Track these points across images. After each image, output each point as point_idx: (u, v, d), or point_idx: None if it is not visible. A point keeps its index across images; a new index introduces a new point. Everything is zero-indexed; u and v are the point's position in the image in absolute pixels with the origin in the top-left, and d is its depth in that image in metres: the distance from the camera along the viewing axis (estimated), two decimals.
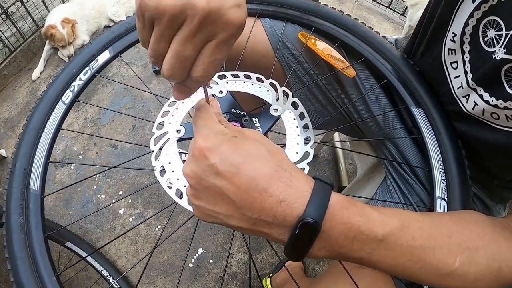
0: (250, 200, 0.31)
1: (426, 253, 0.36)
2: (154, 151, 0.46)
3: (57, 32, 1.75)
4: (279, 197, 0.31)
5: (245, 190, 0.31)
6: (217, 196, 0.32)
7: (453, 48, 0.55)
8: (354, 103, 0.71)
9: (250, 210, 0.32)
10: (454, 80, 0.56)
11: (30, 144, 0.52)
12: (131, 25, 0.62)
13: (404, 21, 2.03)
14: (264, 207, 0.31)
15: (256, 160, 0.33)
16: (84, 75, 0.58)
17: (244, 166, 0.32)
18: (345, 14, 0.68)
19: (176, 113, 0.50)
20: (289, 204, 0.31)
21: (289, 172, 0.33)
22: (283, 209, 0.31)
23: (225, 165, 0.32)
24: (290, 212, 0.31)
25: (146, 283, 1.26)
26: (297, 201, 0.32)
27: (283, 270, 1.18)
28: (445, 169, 0.55)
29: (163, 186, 0.43)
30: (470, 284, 0.38)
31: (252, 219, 0.32)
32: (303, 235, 0.32)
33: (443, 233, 0.38)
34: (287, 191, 0.32)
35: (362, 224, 0.33)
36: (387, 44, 0.66)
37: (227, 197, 0.32)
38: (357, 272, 0.49)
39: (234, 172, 0.31)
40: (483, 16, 0.48)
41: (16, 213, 0.46)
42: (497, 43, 0.46)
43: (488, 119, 0.51)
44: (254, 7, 0.68)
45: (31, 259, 0.44)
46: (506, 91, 0.46)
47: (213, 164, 0.32)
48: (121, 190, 1.44)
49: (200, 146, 0.33)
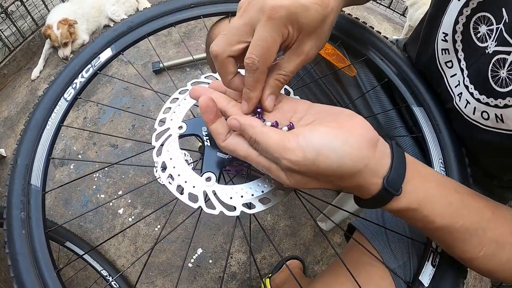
0: (343, 184, 0.35)
1: (462, 233, 0.38)
2: (155, 147, 0.46)
3: (52, 32, 1.76)
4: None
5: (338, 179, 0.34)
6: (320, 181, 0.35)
7: (445, 47, 0.55)
8: (354, 102, 0.71)
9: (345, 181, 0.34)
10: (450, 79, 0.56)
11: (32, 140, 0.52)
12: (133, 23, 0.62)
13: (404, 21, 2.03)
14: (359, 182, 0.34)
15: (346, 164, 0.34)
16: (86, 73, 0.58)
17: (335, 174, 0.34)
18: (346, 14, 0.69)
19: (177, 110, 0.50)
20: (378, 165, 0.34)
21: (376, 159, 0.35)
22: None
23: (323, 171, 0.33)
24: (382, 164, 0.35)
25: (145, 283, 1.25)
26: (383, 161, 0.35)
27: (283, 270, 1.18)
28: (446, 168, 0.55)
29: (164, 182, 0.43)
30: (486, 272, 0.41)
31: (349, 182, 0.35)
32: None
33: (481, 225, 0.39)
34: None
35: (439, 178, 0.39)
36: (388, 42, 0.66)
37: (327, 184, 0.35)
38: (356, 270, 0.50)
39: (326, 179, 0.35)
40: (472, 13, 0.48)
41: (17, 208, 0.46)
42: (489, 38, 0.46)
43: (477, 120, 0.50)
44: None
45: (32, 255, 0.44)
46: (493, 87, 0.46)
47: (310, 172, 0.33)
48: (121, 190, 1.44)
49: (292, 164, 0.32)
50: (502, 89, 0.44)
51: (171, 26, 0.63)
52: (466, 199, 0.40)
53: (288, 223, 1.36)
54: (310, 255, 1.31)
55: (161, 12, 0.63)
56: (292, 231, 1.34)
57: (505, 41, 0.43)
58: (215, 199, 0.42)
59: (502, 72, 0.44)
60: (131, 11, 2.06)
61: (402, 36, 1.94)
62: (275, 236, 1.33)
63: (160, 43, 1.93)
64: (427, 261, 0.46)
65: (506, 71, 0.44)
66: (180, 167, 0.44)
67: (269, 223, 1.36)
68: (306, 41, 0.39)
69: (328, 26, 0.40)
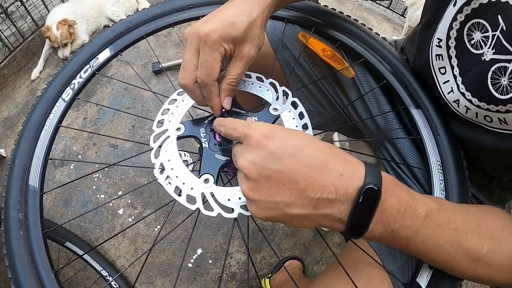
0: (313, 178, 0.33)
1: (460, 236, 0.38)
2: (153, 149, 0.46)
3: (51, 33, 1.75)
4: (339, 171, 0.34)
5: (308, 169, 0.33)
6: (279, 183, 0.34)
7: (439, 53, 0.55)
8: (353, 104, 0.71)
9: (312, 190, 0.33)
10: (443, 85, 0.56)
11: (29, 141, 0.52)
12: (132, 24, 0.62)
13: (404, 21, 2.03)
14: (326, 183, 0.33)
15: (312, 141, 0.35)
16: (85, 73, 0.58)
17: (303, 146, 0.34)
18: (345, 15, 0.69)
19: (176, 111, 0.51)
20: (349, 177, 0.34)
21: (341, 151, 0.36)
22: (344, 182, 0.33)
23: (286, 147, 0.34)
24: (351, 184, 0.33)
25: (145, 283, 1.25)
26: (355, 174, 0.34)
27: (282, 270, 1.18)
28: (444, 170, 0.55)
29: (162, 183, 0.43)
30: (495, 273, 0.40)
31: (314, 200, 0.33)
32: (366, 204, 0.33)
33: (473, 220, 0.40)
34: (345, 165, 0.34)
35: (410, 200, 0.36)
36: (387, 45, 0.66)
37: (290, 181, 0.34)
38: (355, 271, 0.50)
39: (296, 152, 0.34)
40: (466, 19, 0.48)
41: (15, 209, 0.46)
42: (484, 45, 0.46)
43: (482, 122, 0.51)
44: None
45: (30, 256, 0.44)
46: (493, 95, 0.45)
47: (273, 150, 0.34)
48: (120, 190, 1.44)
49: (257, 136, 0.35)
50: (502, 96, 0.44)
51: (169, 27, 0.63)
52: (446, 201, 0.42)
53: None
54: (309, 255, 1.31)
55: (159, 13, 0.63)
56: (291, 231, 1.34)
57: (505, 49, 0.43)
58: (213, 200, 0.42)
59: (503, 80, 0.44)
60: (131, 11, 2.06)
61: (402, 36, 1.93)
62: (274, 236, 1.33)
63: (160, 43, 1.93)
64: (424, 263, 0.46)
65: (507, 79, 0.44)
66: (178, 169, 0.44)
67: (268, 224, 1.36)
68: (243, 47, 0.46)
69: (257, 29, 0.48)
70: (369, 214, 0.34)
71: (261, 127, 0.36)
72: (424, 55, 0.59)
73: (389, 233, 0.36)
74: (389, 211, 0.35)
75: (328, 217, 0.34)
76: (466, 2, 0.47)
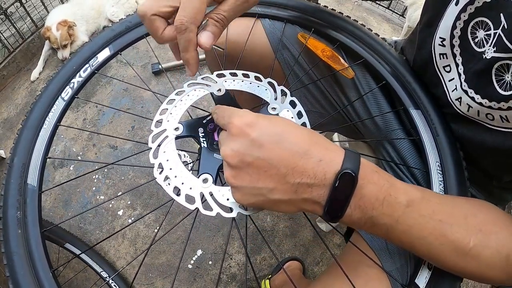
0: (293, 164, 0.34)
1: (445, 229, 0.38)
2: (152, 149, 0.46)
3: (51, 34, 1.76)
4: (318, 157, 0.34)
5: (289, 155, 0.34)
6: (260, 170, 0.35)
7: (443, 52, 0.55)
8: (353, 104, 0.71)
9: (293, 175, 0.34)
10: (448, 83, 0.56)
11: (28, 140, 0.52)
12: (131, 23, 0.62)
13: (404, 22, 2.04)
14: (306, 169, 0.34)
15: (294, 128, 0.36)
16: (84, 72, 0.58)
17: (285, 134, 0.35)
18: (345, 15, 0.69)
19: (174, 111, 0.50)
20: (328, 162, 0.34)
21: (323, 138, 0.36)
22: (322, 167, 0.34)
23: (267, 135, 0.35)
24: (329, 169, 0.34)
25: (145, 284, 1.25)
26: (334, 159, 0.35)
27: (282, 271, 1.18)
28: (443, 171, 0.55)
29: (160, 183, 0.43)
30: (484, 268, 0.39)
31: (294, 185, 0.34)
32: (343, 187, 0.34)
33: (460, 213, 0.40)
34: (325, 152, 0.35)
35: (389, 188, 0.36)
36: (386, 45, 0.66)
37: (271, 167, 0.34)
38: (353, 272, 0.50)
39: (277, 140, 0.35)
40: (470, 18, 0.48)
41: (13, 207, 0.46)
42: (486, 43, 0.46)
43: (483, 120, 0.51)
44: (254, 8, 0.68)
45: (28, 255, 0.44)
46: (497, 91, 0.46)
47: (255, 138, 0.35)
48: (120, 191, 1.44)
49: (239, 124, 0.36)
50: (506, 92, 0.45)
51: None
52: (432, 192, 0.41)
53: (288, 224, 1.36)
54: (310, 256, 1.30)
55: None
56: (291, 232, 1.34)
57: (506, 48, 0.43)
58: (212, 200, 0.42)
59: (507, 76, 0.44)
60: (131, 12, 2.06)
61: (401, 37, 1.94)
62: (275, 237, 1.33)
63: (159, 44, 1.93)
64: (423, 264, 0.46)
65: (511, 75, 0.44)
66: (177, 169, 0.44)
67: (268, 224, 1.35)
68: None
69: None
70: (345, 199, 0.34)
71: (244, 115, 0.37)
72: (426, 54, 0.59)
73: (368, 219, 0.36)
74: (367, 197, 0.35)
75: (308, 201, 0.35)
76: (470, 1, 0.47)
